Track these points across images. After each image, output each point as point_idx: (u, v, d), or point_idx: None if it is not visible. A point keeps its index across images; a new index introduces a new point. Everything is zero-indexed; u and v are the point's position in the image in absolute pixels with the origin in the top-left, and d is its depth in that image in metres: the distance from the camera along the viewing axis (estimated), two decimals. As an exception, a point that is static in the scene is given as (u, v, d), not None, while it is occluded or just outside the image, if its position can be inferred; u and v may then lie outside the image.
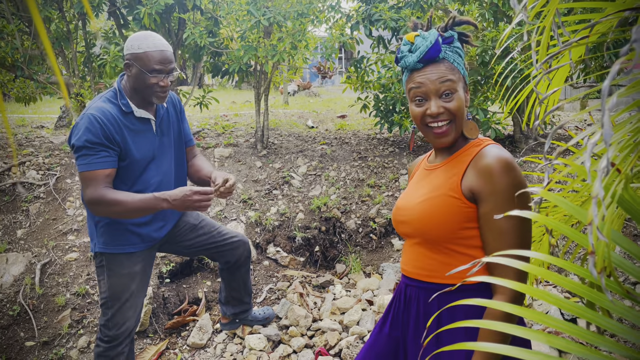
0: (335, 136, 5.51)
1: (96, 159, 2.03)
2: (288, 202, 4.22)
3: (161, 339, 3.21)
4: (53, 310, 3.28)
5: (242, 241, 2.74)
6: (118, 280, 2.30)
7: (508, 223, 1.18)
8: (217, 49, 4.74)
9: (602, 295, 0.60)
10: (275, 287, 3.58)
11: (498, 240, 1.20)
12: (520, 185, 1.19)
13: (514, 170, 1.20)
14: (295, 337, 3.02)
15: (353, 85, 5.14)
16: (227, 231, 2.72)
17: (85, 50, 4.91)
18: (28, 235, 3.80)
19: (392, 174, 4.48)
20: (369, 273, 3.77)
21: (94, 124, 2.03)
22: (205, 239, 2.63)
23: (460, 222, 1.25)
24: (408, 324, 1.38)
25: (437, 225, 1.28)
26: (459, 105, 1.27)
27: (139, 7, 4.25)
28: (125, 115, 2.15)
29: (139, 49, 2.09)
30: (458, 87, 1.28)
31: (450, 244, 1.28)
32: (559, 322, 0.62)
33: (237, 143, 5.15)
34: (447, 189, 1.28)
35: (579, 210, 0.67)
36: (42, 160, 4.54)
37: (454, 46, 1.29)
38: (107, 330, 2.32)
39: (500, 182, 1.19)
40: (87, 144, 2.02)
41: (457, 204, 1.25)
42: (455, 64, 1.29)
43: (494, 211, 1.19)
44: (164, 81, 2.12)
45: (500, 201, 1.19)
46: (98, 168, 2.03)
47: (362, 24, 4.70)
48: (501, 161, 1.20)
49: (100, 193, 2.02)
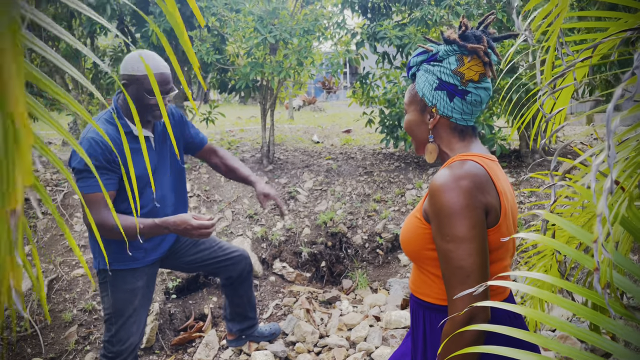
0: (340, 151, 5.53)
1: (96, 181, 2.04)
2: (294, 217, 4.22)
3: (167, 355, 3.20)
4: (60, 327, 3.28)
5: (243, 255, 2.75)
6: (121, 295, 2.31)
7: (445, 247, 1.15)
8: (224, 65, 4.79)
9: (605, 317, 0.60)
10: (282, 303, 3.57)
11: (442, 263, 1.17)
12: (450, 209, 1.13)
13: (444, 193, 1.14)
14: (302, 353, 3.01)
15: (358, 100, 5.17)
16: (227, 246, 2.73)
17: (94, 68, 4.98)
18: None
19: (398, 189, 4.48)
20: (376, 289, 3.75)
21: (94, 148, 2.04)
22: (207, 255, 2.64)
23: (423, 244, 1.26)
24: (413, 334, 1.45)
25: (406, 245, 1.32)
26: (406, 125, 1.37)
27: (147, 24, 4.32)
28: (125, 134, 2.17)
29: (138, 70, 2.09)
30: (409, 109, 1.35)
31: (422, 264, 1.30)
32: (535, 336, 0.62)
33: (243, 158, 5.18)
34: (417, 209, 1.30)
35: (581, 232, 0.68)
36: (50, 176, 4.58)
37: (433, 64, 1.28)
38: (111, 346, 2.32)
39: (434, 204, 1.16)
40: (88, 167, 2.02)
41: (419, 225, 1.26)
42: (417, 85, 1.31)
43: (435, 234, 1.17)
44: (163, 101, 2.15)
45: (436, 224, 1.16)
46: (99, 191, 2.04)
47: (367, 41, 4.74)
48: (435, 184, 1.16)
49: (102, 217, 2.03)
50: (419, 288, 1.35)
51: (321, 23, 4.33)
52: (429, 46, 1.31)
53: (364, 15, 5.21)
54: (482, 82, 1.26)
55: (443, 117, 1.29)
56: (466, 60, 1.24)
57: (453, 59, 1.25)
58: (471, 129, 1.33)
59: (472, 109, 1.28)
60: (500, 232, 1.20)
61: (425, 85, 1.28)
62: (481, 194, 1.15)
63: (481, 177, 1.17)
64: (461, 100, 1.26)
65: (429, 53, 1.30)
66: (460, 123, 1.29)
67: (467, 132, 1.31)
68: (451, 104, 1.26)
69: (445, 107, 1.27)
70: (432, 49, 1.30)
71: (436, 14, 4.27)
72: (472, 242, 1.12)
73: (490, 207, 1.17)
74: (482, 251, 1.14)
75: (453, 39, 1.24)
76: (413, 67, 1.34)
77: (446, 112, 1.28)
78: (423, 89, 1.29)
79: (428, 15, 4.34)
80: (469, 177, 1.15)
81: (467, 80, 1.24)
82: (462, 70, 1.24)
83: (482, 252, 1.15)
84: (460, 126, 1.30)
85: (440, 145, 1.33)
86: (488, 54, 1.24)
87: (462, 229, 1.12)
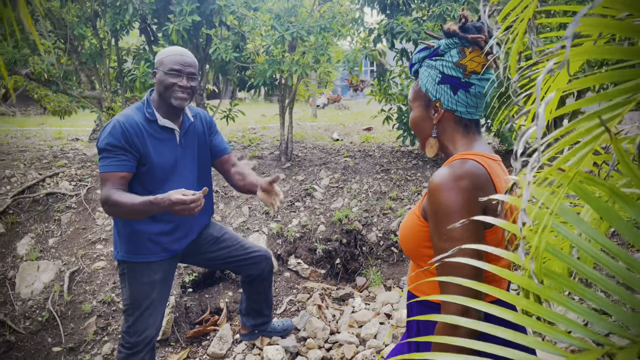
0: (359, 149, 5.53)
1: (113, 161, 2.14)
2: (310, 214, 4.25)
3: (182, 347, 3.26)
4: (80, 317, 3.38)
5: (265, 256, 2.77)
6: (139, 288, 2.37)
7: (441, 246, 1.14)
8: (244, 64, 4.84)
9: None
10: (296, 299, 3.60)
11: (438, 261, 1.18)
12: (447, 209, 1.12)
13: (442, 192, 1.13)
14: (313, 349, 3.03)
15: (377, 97, 5.16)
16: (249, 245, 2.75)
17: (117, 66, 5.09)
18: (59, 244, 3.94)
19: (414, 187, 4.46)
20: (390, 287, 3.75)
21: (116, 129, 2.15)
22: (227, 252, 2.67)
23: (420, 241, 1.25)
24: (407, 329, 1.46)
25: (404, 242, 1.32)
26: (411, 122, 1.37)
27: (168, 23, 4.40)
28: (149, 123, 2.26)
29: (162, 55, 2.26)
30: (413, 105, 1.36)
31: (418, 261, 1.30)
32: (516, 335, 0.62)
33: (261, 155, 5.23)
34: (416, 207, 1.30)
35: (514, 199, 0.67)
36: (75, 171, 4.71)
37: (435, 59, 1.27)
38: (129, 337, 2.39)
39: (433, 203, 1.15)
40: (108, 146, 2.13)
41: (417, 223, 1.26)
42: (420, 81, 1.31)
43: (432, 232, 1.17)
44: (182, 82, 2.22)
45: (434, 223, 1.16)
46: (114, 170, 2.13)
47: (384, 36, 4.72)
48: (434, 183, 1.15)
49: (108, 194, 2.11)
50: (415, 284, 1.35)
51: (338, 20, 4.33)
52: (430, 42, 1.31)
53: (382, 12, 5.19)
54: (485, 73, 1.25)
55: (448, 111, 1.28)
56: (468, 52, 1.22)
57: (454, 52, 1.24)
58: (475, 124, 1.32)
59: (477, 101, 1.27)
60: (497, 233, 1.19)
61: (428, 80, 1.28)
62: (480, 194, 1.15)
63: (481, 177, 1.16)
64: (465, 93, 1.25)
65: (430, 49, 1.30)
66: (465, 116, 1.28)
67: (471, 126, 1.30)
68: (455, 97, 1.25)
69: (449, 101, 1.26)
70: (434, 44, 1.29)
71: (455, 9, 4.23)
72: (468, 243, 1.12)
73: (489, 207, 1.16)
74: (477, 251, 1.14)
75: (453, 31, 1.23)
76: (415, 64, 1.34)
77: (450, 105, 1.27)
78: (426, 84, 1.29)
79: (446, 11, 4.30)
80: (468, 177, 1.14)
81: (469, 72, 1.23)
82: (464, 62, 1.22)
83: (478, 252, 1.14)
84: (465, 120, 1.29)
85: (443, 140, 1.32)
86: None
87: (459, 229, 1.11)
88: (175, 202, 1.98)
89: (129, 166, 2.18)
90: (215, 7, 4.51)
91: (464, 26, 1.23)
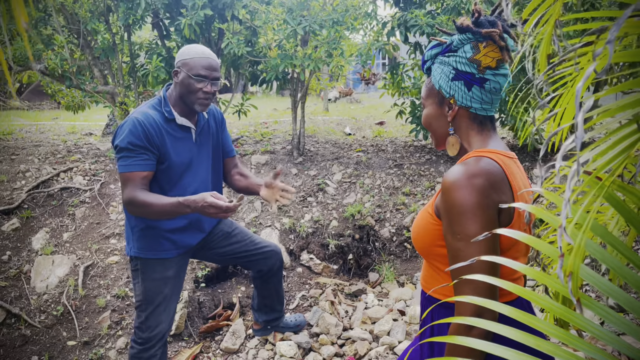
0: (371, 143, 5.49)
1: (135, 161, 2.12)
2: (322, 209, 4.23)
3: (195, 342, 3.27)
4: (94, 312, 3.41)
5: (275, 251, 2.77)
6: (151, 284, 2.37)
7: (455, 245, 1.13)
8: (256, 58, 4.82)
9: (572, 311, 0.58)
10: (308, 294, 3.60)
11: (451, 261, 1.15)
12: (461, 207, 1.10)
13: (456, 190, 1.11)
14: (326, 345, 3.02)
15: (390, 91, 5.11)
16: (259, 240, 2.75)
17: (130, 61, 5.10)
18: (73, 239, 3.97)
19: (428, 182, 4.42)
20: (403, 283, 3.73)
21: (136, 127, 2.12)
22: (238, 248, 2.67)
23: (433, 240, 1.23)
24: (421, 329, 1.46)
25: (416, 240, 1.30)
26: (424, 120, 1.35)
27: (180, 18, 4.39)
28: (167, 121, 2.24)
29: (187, 55, 2.20)
30: (426, 103, 1.33)
31: (431, 260, 1.28)
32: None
33: (274, 150, 5.22)
34: (429, 205, 1.28)
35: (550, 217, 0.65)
36: (89, 166, 4.74)
37: (448, 55, 1.24)
38: (141, 333, 2.39)
39: (446, 201, 1.13)
40: (129, 145, 2.11)
41: (430, 221, 1.24)
42: (433, 78, 1.28)
43: (446, 231, 1.15)
44: (207, 87, 2.20)
45: (447, 221, 1.14)
46: (136, 170, 2.12)
47: (398, 29, 4.67)
48: (448, 181, 1.13)
49: (133, 194, 2.09)
50: (428, 284, 1.33)
51: (351, 13, 4.29)
52: (442, 38, 1.28)
53: (396, 5, 5.14)
54: (500, 68, 1.22)
55: (462, 108, 1.26)
56: (481, 46, 1.20)
57: (468, 47, 1.21)
58: (490, 120, 1.29)
59: (492, 97, 1.24)
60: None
61: (441, 77, 1.26)
62: (495, 193, 1.12)
63: (496, 176, 1.14)
64: (479, 89, 1.22)
65: (442, 45, 1.27)
66: (480, 113, 1.26)
67: (486, 123, 1.28)
68: (469, 94, 1.23)
69: (463, 97, 1.24)
70: (446, 40, 1.26)
71: (469, 2, 4.16)
72: (482, 242, 1.10)
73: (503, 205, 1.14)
74: (492, 251, 1.12)
75: (466, 26, 1.21)
76: (428, 61, 1.31)
77: (465, 102, 1.24)
78: (440, 81, 1.26)
79: (461, 3, 4.24)
80: (483, 175, 1.12)
81: (484, 67, 1.20)
82: (479, 57, 1.20)
83: (492, 251, 1.12)
84: (479, 117, 1.27)
85: (459, 137, 1.30)
86: (504, 38, 1.19)
87: (473, 228, 1.09)
88: (211, 205, 1.97)
89: (151, 165, 2.17)
90: (228, 1, 4.49)
91: (477, 21, 1.21)
